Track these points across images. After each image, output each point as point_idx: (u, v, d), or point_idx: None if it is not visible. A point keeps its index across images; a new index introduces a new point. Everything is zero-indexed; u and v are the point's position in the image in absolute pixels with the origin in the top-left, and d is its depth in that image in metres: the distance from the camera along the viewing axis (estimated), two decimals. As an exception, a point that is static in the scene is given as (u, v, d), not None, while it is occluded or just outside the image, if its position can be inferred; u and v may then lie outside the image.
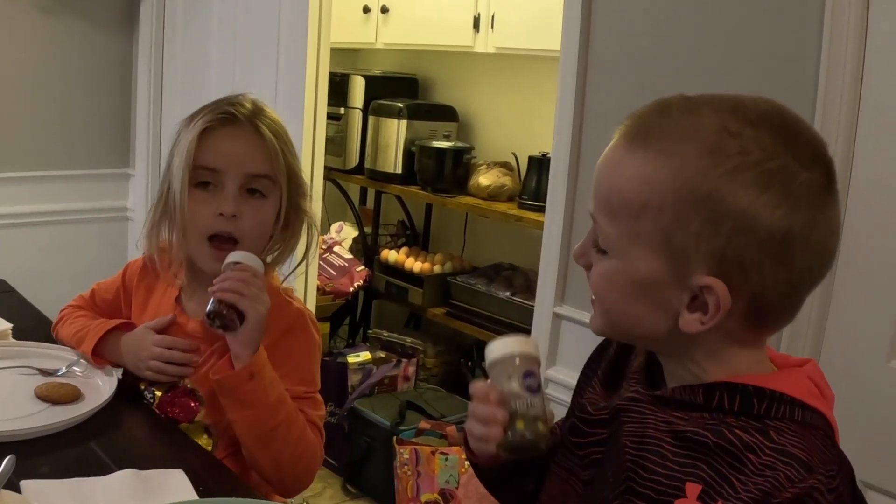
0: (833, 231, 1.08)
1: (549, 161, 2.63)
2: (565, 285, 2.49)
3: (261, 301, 1.69)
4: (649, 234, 1.07)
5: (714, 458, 1.06)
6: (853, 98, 1.84)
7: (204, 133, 1.77)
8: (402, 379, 4.27)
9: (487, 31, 3.91)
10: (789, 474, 1.00)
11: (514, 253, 4.32)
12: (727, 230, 1.03)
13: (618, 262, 1.11)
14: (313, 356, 1.84)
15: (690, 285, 1.06)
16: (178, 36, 4.09)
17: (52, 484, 1.42)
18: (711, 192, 1.02)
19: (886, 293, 1.82)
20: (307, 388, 1.80)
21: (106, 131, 4.30)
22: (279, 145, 1.80)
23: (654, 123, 1.09)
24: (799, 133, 1.07)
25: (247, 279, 1.69)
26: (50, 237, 4.18)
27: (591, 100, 2.38)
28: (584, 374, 1.37)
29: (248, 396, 1.68)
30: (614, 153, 1.12)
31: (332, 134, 4.39)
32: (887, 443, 1.83)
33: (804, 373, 1.14)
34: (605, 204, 1.11)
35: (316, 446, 1.76)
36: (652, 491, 1.11)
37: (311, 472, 1.78)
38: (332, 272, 4.39)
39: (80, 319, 1.98)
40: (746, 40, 2.02)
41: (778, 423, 1.06)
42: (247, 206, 1.77)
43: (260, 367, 1.69)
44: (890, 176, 1.80)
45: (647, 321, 1.12)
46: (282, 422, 1.69)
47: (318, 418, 1.79)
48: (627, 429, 1.17)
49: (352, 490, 3.99)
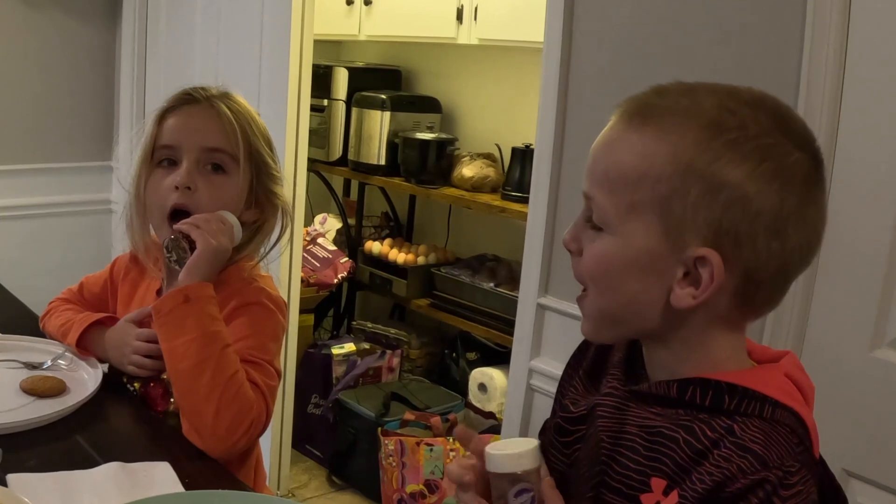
0: (822, 215, 1.12)
1: (532, 152, 2.63)
2: (549, 276, 2.49)
3: (215, 236, 1.70)
4: (646, 205, 1.08)
5: (679, 454, 1.07)
6: (835, 86, 1.85)
7: (163, 115, 1.82)
8: (387, 370, 4.28)
9: (470, 23, 3.91)
10: (742, 466, 1.02)
11: (497, 244, 4.33)
12: (723, 201, 1.05)
13: (613, 239, 1.11)
14: (267, 331, 1.79)
15: (685, 258, 1.08)
16: (161, 28, 4.08)
17: (39, 477, 1.42)
18: (710, 162, 1.05)
19: (869, 283, 1.83)
20: (256, 353, 1.74)
21: (89, 124, 4.28)
22: (238, 123, 1.81)
23: (652, 104, 1.11)
24: (791, 118, 1.10)
25: (208, 217, 1.72)
26: (33, 230, 4.17)
27: (574, 91, 2.39)
28: (566, 374, 1.37)
29: (182, 322, 1.66)
30: (612, 133, 1.13)
31: (316, 126, 4.38)
32: (871, 432, 1.84)
33: (781, 369, 1.15)
34: (604, 178, 1.12)
35: (252, 403, 1.66)
36: (623, 485, 1.13)
37: (241, 426, 1.64)
38: (316, 264, 4.39)
39: (66, 312, 1.98)
40: (730, 30, 2.03)
41: (745, 420, 1.07)
42: (204, 181, 1.79)
43: (198, 295, 1.68)
44: (873, 165, 1.81)
45: (640, 300, 1.12)
46: (213, 356, 1.64)
47: (264, 384, 1.72)
48: (603, 424, 1.18)
49: (337, 481, 4.00)
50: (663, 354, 1.17)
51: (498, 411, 3.72)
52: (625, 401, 1.18)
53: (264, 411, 1.69)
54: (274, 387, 1.75)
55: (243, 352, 1.72)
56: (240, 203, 1.82)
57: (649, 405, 1.15)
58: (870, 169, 1.81)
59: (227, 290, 1.78)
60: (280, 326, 1.83)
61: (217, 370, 1.63)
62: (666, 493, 1.06)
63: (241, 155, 1.81)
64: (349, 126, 4.45)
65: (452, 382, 4.25)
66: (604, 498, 1.15)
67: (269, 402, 1.72)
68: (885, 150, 1.79)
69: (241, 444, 1.65)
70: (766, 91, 1.11)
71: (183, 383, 1.66)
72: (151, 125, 1.82)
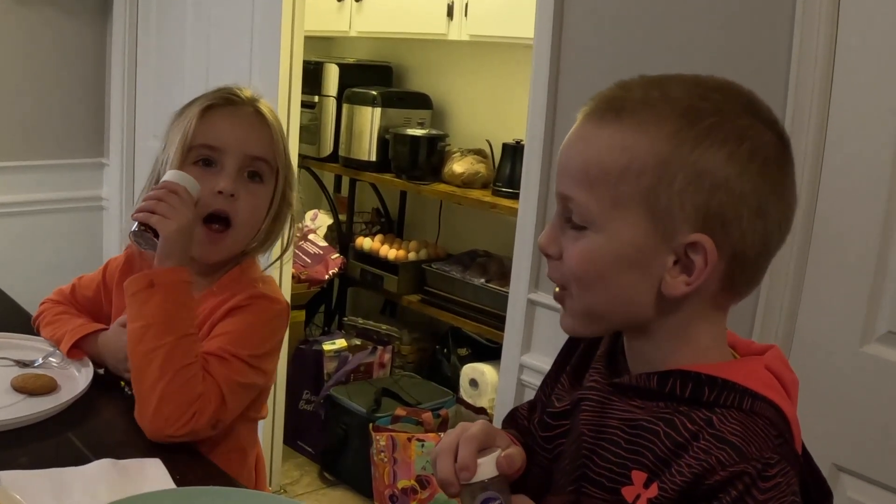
0: (794, 192, 1.14)
1: (522, 148, 2.64)
2: (539, 272, 2.49)
3: (174, 217, 1.65)
4: (631, 198, 1.08)
5: (659, 446, 1.08)
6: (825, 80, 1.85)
7: (205, 113, 1.77)
8: (378, 366, 4.28)
9: (461, 19, 3.92)
10: (721, 458, 1.02)
11: (488, 240, 4.33)
12: (708, 185, 1.06)
13: (598, 236, 1.10)
14: (258, 330, 1.75)
15: (675, 246, 1.08)
16: (152, 25, 4.07)
17: (31, 474, 1.42)
18: (692, 149, 1.05)
19: (858, 279, 1.83)
20: (231, 347, 1.70)
21: (80, 120, 4.27)
22: (280, 131, 1.81)
23: (622, 97, 1.11)
24: (758, 101, 1.12)
25: (161, 196, 1.66)
26: (24, 227, 4.16)
27: (565, 87, 2.39)
28: (552, 372, 1.37)
29: (142, 306, 1.65)
30: (583, 130, 1.13)
31: (307, 122, 4.38)
32: (861, 427, 1.84)
33: (762, 362, 1.15)
34: (583, 176, 1.10)
35: (197, 397, 1.61)
36: (604, 478, 1.13)
37: (181, 419, 1.60)
38: (307, 260, 4.39)
39: (58, 318, 1.95)
40: (720, 26, 2.04)
41: (724, 412, 1.07)
42: (244, 189, 1.77)
43: (164, 280, 1.65)
44: (862, 159, 1.81)
45: (629, 294, 1.12)
46: (166, 345, 1.61)
47: (225, 379, 1.67)
48: (585, 417, 1.18)
49: (329, 477, 4.01)
50: (646, 347, 1.17)
51: (489, 407, 3.73)
52: (607, 394, 1.18)
53: (211, 406, 1.64)
54: (242, 383, 1.70)
55: (217, 346, 1.69)
56: (266, 211, 1.81)
57: (630, 398, 1.15)
58: (859, 164, 1.82)
59: (229, 290, 1.76)
60: (276, 328, 1.80)
61: (167, 359, 1.61)
62: (646, 486, 1.07)
63: (280, 165, 1.80)
64: (340, 122, 4.45)
65: (444, 378, 4.26)
66: (585, 491, 1.15)
67: (228, 397, 1.66)
68: (874, 144, 1.79)
69: (181, 436, 1.61)
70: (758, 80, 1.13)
71: (135, 366, 1.65)
72: (191, 120, 1.76)
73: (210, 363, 1.67)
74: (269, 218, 1.82)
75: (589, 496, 1.15)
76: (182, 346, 1.63)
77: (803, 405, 1.16)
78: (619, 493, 1.10)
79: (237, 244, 1.80)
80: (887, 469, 1.81)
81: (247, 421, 1.84)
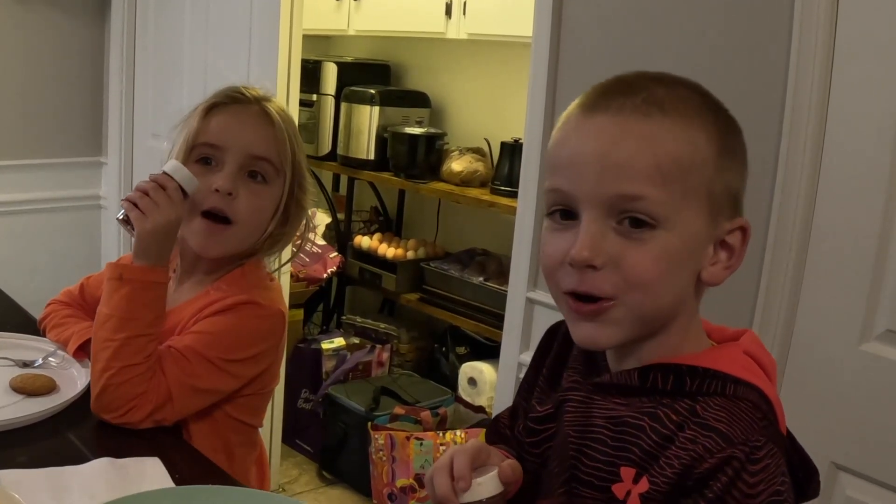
0: None
1: (521, 147, 2.64)
2: (538, 270, 2.49)
3: (152, 216, 1.63)
4: (696, 190, 1.08)
5: (646, 441, 1.08)
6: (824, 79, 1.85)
7: (209, 111, 1.76)
8: (377, 365, 4.28)
9: (459, 18, 3.91)
10: (708, 445, 1.03)
11: (487, 238, 4.33)
12: (739, 169, 1.13)
13: (670, 234, 1.06)
14: (237, 334, 1.71)
15: (717, 234, 1.11)
16: (150, 23, 4.07)
17: (29, 473, 1.43)
18: (728, 135, 1.11)
19: (857, 277, 1.83)
20: (198, 347, 1.67)
21: (78, 119, 4.27)
22: (288, 133, 1.79)
23: (657, 92, 1.09)
24: None
25: (148, 189, 1.65)
26: (23, 226, 4.16)
27: (563, 85, 2.39)
28: (528, 377, 1.37)
29: (110, 296, 1.64)
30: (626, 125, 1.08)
31: (305, 121, 4.38)
32: (859, 425, 1.84)
33: (739, 347, 1.16)
34: (656, 171, 1.05)
35: (134, 397, 1.60)
36: (594, 478, 1.13)
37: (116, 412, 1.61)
38: (306, 258, 4.38)
39: (65, 321, 1.95)
40: (718, 21, 2.03)
41: (707, 399, 1.08)
42: (245, 188, 1.75)
43: (132, 277, 1.64)
44: (861, 158, 1.81)
45: (680, 291, 1.11)
46: (117, 340, 1.60)
47: (176, 380, 1.64)
48: (569, 418, 1.19)
49: (327, 476, 4.00)
50: (645, 344, 1.15)
51: (487, 405, 3.73)
52: (589, 394, 1.18)
53: (150, 406, 1.62)
54: (197, 387, 1.67)
55: (186, 344, 1.67)
56: (272, 214, 1.78)
57: (612, 396, 1.16)
58: (858, 163, 1.82)
59: (225, 291, 1.75)
60: (262, 335, 1.75)
61: (115, 354, 1.60)
62: (636, 481, 1.07)
63: (287, 167, 1.78)
64: (338, 121, 4.45)
65: (442, 377, 4.26)
66: (575, 492, 1.15)
67: (176, 398, 1.64)
68: (873, 143, 1.79)
69: (116, 423, 1.62)
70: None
71: (92, 348, 1.66)
72: (197, 119, 1.75)
73: (167, 361, 1.65)
74: (275, 220, 1.79)
75: (580, 497, 1.15)
76: (133, 345, 1.62)
77: (802, 404, 1.17)
78: (609, 491, 1.10)
79: (237, 242, 1.78)
80: (886, 467, 1.81)
81: (239, 425, 1.81)
